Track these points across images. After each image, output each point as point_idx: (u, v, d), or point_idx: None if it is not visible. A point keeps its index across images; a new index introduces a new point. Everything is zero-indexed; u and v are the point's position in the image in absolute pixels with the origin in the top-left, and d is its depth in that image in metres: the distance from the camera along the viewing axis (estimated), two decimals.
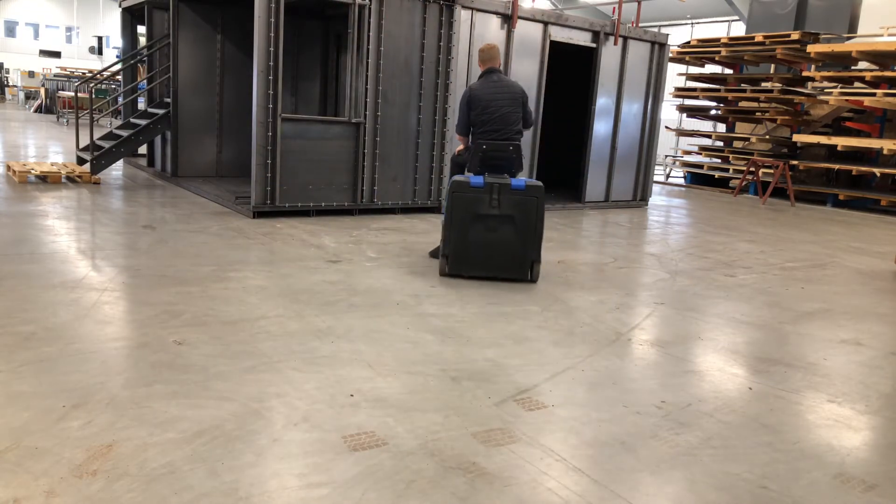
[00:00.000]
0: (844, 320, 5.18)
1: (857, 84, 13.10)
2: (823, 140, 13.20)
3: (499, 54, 5.94)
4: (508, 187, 5.36)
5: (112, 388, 3.09)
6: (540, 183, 5.44)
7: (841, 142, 12.84)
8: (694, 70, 17.11)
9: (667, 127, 17.36)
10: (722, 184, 16.00)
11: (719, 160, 16.09)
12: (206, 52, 10.19)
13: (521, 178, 5.52)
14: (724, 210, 11.76)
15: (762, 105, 14.59)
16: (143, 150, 11.97)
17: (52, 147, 13.92)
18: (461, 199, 5.40)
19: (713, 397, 3.52)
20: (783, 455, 2.94)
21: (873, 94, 12.18)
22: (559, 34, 9.66)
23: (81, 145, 10.40)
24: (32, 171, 9.17)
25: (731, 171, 15.41)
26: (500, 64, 5.94)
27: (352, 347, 3.84)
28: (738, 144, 16.27)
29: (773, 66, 15.77)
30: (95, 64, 37.72)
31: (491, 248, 5.46)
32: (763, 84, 15.52)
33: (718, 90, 15.74)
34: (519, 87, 5.86)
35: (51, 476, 2.38)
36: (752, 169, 14.06)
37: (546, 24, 9.48)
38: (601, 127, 10.46)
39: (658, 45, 10.85)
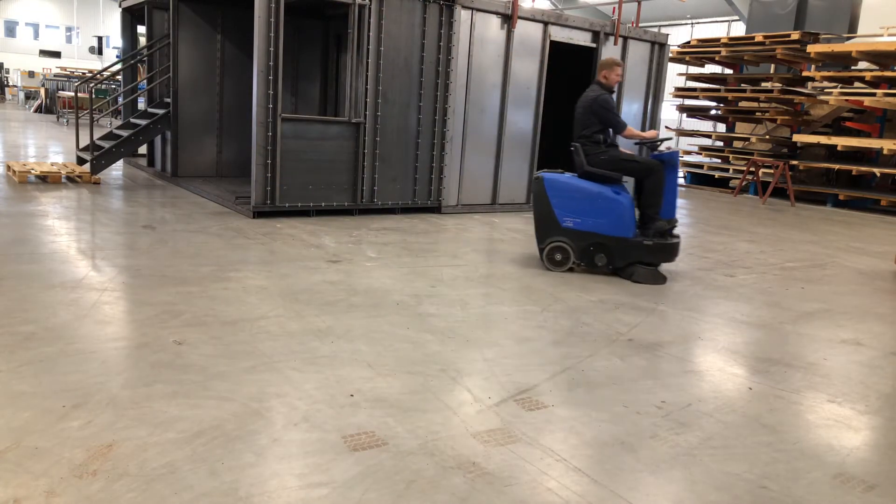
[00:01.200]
0: (844, 320, 5.18)
1: (857, 84, 13.09)
2: (823, 140, 13.20)
3: (604, 66, 6.18)
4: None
5: (112, 388, 3.09)
6: (540, 175, 6.05)
7: (841, 142, 12.84)
8: (694, 70, 17.11)
9: (667, 127, 17.37)
10: (722, 184, 16.00)
11: (719, 160, 16.09)
12: (206, 52, 10.19)
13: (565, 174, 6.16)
14: (724, 210, 11.76)
15: (762, 105, 14.59)
16: (143, 150, 11.97)
17: (52, 147, 13.92)
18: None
19: (713, 397, 3.52)
20: (783, 455, 2.94)
21: (873, 94, 12.17)
22: (559, 34, 9.66)
23: (81, 145, 10.40)
24: (32, 171, 9.17)
25: (731, 171, 15.41)
26: (604, 76, 6.16)
27: (352, 347, 3.84)
28: (738, 144, 16.27)
29: (773, 66, 15.77)
30: (95, 64, 37.72)
31: None
32: (763, 84, 15.51)
33: (718, 90, 15.74)
34: (589, 97, 6.07)
35: (51, 476, 2.38)
36: (752, 169, 14.06)
37: (546, 24, 9.48)
38: None
39: (658, 45, 10.85)
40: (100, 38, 38.06)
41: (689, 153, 17.52)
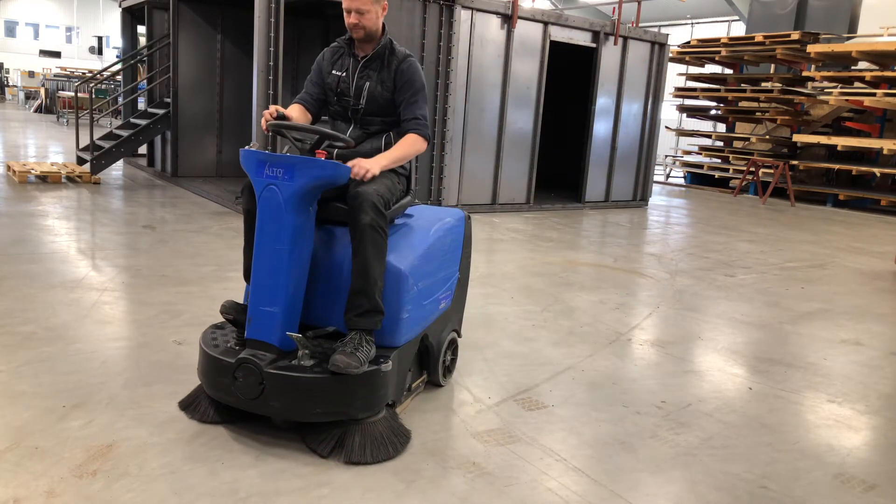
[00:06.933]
0: (844, 320, 5.18)
1: (857, 84, 13.09)
2: (823, 140, 13.20)
3: None
4: None
5: (112, 388, 3.09)
6: None
7: (841, 142, 12.83)
8: (694, 70, 17.10)
9: (667, 127, 17.36)
10: (722, 184, 16.00)
11: (719, 160, 16.09)
12: (206, 52, 10.18)
13: None
14: (724, 210, 11.76)
15: (762, 105, 14.59)
16: (143, 150, 11.96)
17: (52, 147, 13.91)
18: None
19: (713, 397, 3.52)
20: (783, 455, 2.94)
21: (873, 94, 12.17)
22: (559, 34, 9.65)
23: (81, 145, 10.39)
24: (32, 171, 9.17)
25: (731, 171, 15.41)
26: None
27: None
28: (738, 144, 16.27)
29: (773, 66, 15.77)
30: (95, 64, 37.69)
31: None
32: (763, 84, 15.51)
33: (718, 90, 15.74)
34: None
35: (51, 476, 2.38)
36: (752, 169, 14.06)
37: (546, 24, 9.48)
38: (601, 127, 10.46)
39: (658, 45, 10.85)
40: (100, 38, 38.06)
41: (689, 153, 17.52)
